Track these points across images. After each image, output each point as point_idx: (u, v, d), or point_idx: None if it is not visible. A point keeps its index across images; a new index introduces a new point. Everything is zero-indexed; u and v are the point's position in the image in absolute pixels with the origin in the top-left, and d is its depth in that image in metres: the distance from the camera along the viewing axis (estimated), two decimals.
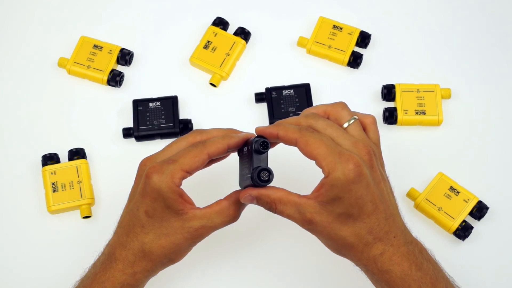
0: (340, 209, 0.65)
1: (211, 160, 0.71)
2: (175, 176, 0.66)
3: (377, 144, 0.70)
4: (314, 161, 0.65)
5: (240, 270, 0.87)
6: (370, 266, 0.67)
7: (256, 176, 0.67)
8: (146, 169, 0.68)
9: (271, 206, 0.67)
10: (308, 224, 0.66)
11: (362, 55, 0.97)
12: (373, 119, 0.71)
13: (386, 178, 0.70)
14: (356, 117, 0.69)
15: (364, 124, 0.70)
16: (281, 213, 0.67)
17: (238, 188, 0.72)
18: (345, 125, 0.69)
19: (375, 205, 0.65)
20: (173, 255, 0.70)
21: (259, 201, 0.68)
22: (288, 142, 0.67)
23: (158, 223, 0.68)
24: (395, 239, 0.66)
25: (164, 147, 0.71)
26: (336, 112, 0.70)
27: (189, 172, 0.67)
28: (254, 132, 0.71)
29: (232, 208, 0.69)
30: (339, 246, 0.67)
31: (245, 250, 0.88)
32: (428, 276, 0.66)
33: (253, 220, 0.88)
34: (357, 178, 0.63)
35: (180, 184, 0.67)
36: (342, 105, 0.71)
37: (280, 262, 0.87)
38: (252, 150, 0.68)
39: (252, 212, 0.79)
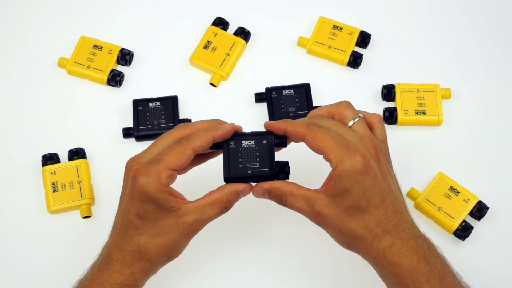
0: (349, 202, 0.65)
1: (207, 155, 0.72)
2: (161, 176, 0.66)
3: (384, 142, 0.71)
4: (321, 157, 0.66)
5: (242, 268, 0.87)
6: (379, 258, 0.67)
7: (282, 169, 0.70)
8: (132, 170, 0.67)
9: (281, 198, 0.68)
10: (317, 216, 0.67)
11: (362, 55, 0.97)
12: (380, 118, 0.72)
13: (394, 175, 0.70)
14: (361, 115, 0.70)
15: (370, 123, 0.71)
16: (291, 206, 0.68)
17: None
18: (350, 123, 0.69)
19: (383, 198, 0.66)
20: (170, 252, 0.70)
21: (270, 194, 0.69)
22: (296, 136, 0.68)
23: (152, 224, 0.68)
24: (403, 232, 0.67)
25: (149, 145, 0.70)
26: (340, 112, 0.71)
27: (176, 170, 0.67)
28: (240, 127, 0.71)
29: (225, 199, 0.69)
30: (348, 239, 0.68)
31: (247, 247, 0.88)
32: (436, 270, 0.67)
33: (256, 216, 0.88)
34: (364, 169, 0.64)
35: (168, 183, 0.66)
36: (346, 104, 0.71)
37: (284, 257, 0.87)
38: (272, 144, 0.69)
39: (256, 208, 0.79)
